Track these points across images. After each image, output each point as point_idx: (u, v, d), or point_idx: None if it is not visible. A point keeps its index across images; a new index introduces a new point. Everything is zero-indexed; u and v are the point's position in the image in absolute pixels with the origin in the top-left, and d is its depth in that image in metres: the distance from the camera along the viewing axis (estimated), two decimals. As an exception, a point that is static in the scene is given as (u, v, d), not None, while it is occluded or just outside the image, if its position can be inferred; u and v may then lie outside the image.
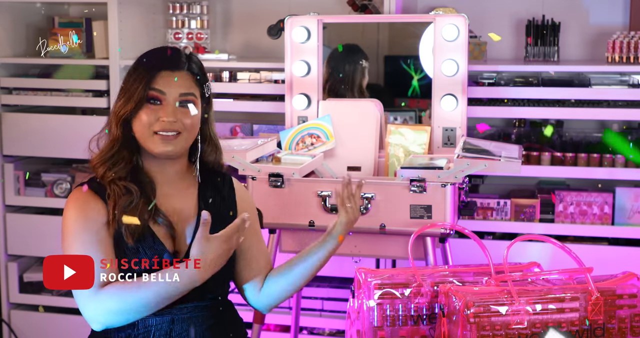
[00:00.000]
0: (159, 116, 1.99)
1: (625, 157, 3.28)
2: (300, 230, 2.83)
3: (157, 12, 3.88)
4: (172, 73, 2.02)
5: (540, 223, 3.40)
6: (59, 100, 3.74)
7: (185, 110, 2.02)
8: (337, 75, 3.40)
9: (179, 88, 2.01)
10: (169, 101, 2.00)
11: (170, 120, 1.99)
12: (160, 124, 1.99)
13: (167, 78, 2.01)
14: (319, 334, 3.62)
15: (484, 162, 2.65)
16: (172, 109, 2.00)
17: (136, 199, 1.99)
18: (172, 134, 2.00)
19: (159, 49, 2.10)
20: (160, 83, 2.00)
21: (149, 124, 1.99)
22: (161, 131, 1.99)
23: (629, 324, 1.92)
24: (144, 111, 1.99)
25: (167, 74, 2.02)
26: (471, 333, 1.84)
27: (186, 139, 2.03)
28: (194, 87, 2.04)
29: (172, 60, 2.04)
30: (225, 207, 2.11)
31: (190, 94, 2.03)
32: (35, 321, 3.88)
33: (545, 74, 3.42)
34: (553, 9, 3.60)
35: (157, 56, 2.06)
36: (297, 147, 3.07)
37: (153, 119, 1.99)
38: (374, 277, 2.02)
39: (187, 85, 2.03)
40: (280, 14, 3.33)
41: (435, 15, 3.10)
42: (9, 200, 3.85)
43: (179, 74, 2.03)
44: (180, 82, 2.02)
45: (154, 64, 2.03)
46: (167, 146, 2.00)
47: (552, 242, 2.00)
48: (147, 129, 2.00)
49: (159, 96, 2.00)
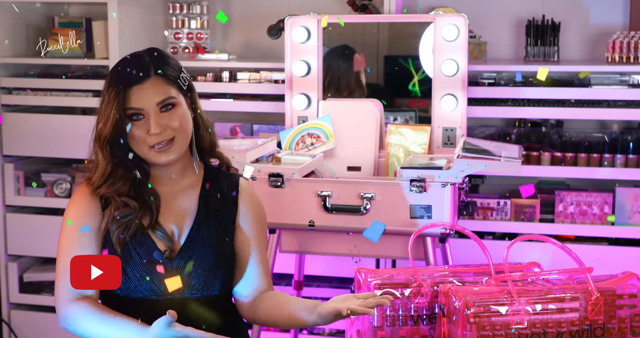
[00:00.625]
0: (147, 129, 1.98)
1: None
2: (300, 230, 2.83)
3: (157, 12, 3.88)
4: (142, 85, 1.98)
5: (540, 223, 3.39)
6: (59, 100, 3.74)
7: (169, 114, 2.00)
8: (336, 74, 3.39)
9: (154, 97, 1.98)
10: (150, 114, 1.98)
11: (158, 133, 1.98)
12: (151, 139, 1.98)
13: (138, 93, 1.98)
14: (319, 334, 3.62)
15: (484, 162, 2.65)
16: (155, 120, 1.98)
17: (132, 214, 2.00)
18: (166, 144, 2.00)
19: (124, 61, 2.04)
20: (134, 100, 1.97)
21: (142, 139, 1.99)
22: (156, 145, 1.99)
23: (629, 324, 1.92)
24: (133, 129, 1.99)
25: (137, 88, 1.98)
26: (471, 333, 1.84)
27: (182, 139, 2.02)
28: (169, 89, 2.00)
29: (137, 71, 1.99)
30: (223, 208, 2.10)
31: (167, 99, 1.99)
32: (35, 321, 3.88)
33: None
34: (553, 9, 3.60)
35: (123, 71, 2.00)
36: (297, 147, 3.07)
37: (143, 133, 1.99)
38: (374, 277, 2.02)
39: (162, 91, 1.99)
40: (280, 14, 3.33)
41: (435, 15, 3.10)
42: (9, 200, 3.84)
43: (148, 83, 1.99)
44: (153, 91, 1.98)
45: (122, 81, 1.98)
46: (167, 156, 2.01)
47: (552, 242, 2.00)
48: (143, 145, 2.00)
49: (138, 112, 1.98)
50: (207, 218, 2.06)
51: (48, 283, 3.89)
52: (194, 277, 2.01)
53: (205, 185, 2.10)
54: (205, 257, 2.03)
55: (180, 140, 2.02)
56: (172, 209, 2.06)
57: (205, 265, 2.02)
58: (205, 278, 2.02)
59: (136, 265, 1.99)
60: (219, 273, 2.04)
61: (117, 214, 1.99)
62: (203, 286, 2.02)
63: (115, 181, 2.01)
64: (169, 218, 2.05)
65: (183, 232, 2.05)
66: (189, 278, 2.01)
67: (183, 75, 2.05)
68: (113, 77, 2.00)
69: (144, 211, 2.02)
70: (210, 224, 2.06)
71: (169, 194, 2.07)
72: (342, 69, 3.43)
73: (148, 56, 2.03)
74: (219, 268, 2.04)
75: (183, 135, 2.02)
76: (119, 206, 2.00)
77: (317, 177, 2.93)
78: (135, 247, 2.00)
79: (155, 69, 2.00)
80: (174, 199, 2.07)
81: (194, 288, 2.01)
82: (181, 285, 1.97)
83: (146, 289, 1.99)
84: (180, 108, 2.02)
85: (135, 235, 2.00)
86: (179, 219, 2.06)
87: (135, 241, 2.00)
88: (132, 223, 2.00)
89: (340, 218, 2.75)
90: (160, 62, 2.02)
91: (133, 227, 2.00)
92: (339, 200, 2.75)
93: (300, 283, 3.26)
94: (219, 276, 2.04)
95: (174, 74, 2.03)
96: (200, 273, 2.02)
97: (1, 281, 3.89)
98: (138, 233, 2.00)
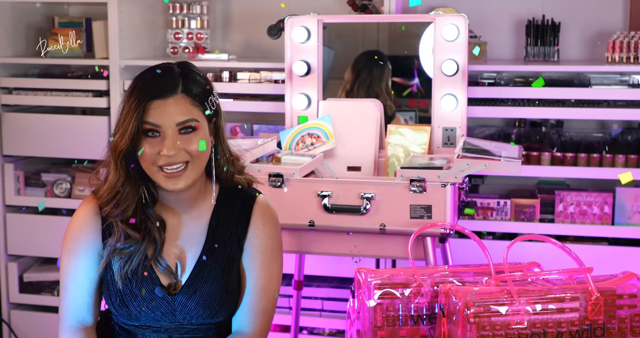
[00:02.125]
0: (159, 149, 1.85)
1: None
2: (300, 230, 2.83)
3: (157, 12, 3.88)
4: (165, 101, 1.84)
5: (540, 223, 3.40)
6: (59, 100, 3.74)
7: (188, 138, 1.86)
8: (365, 78, 3.39)
9: (175, 117, 1.84)
10: (167, 133, 1.84)
11: (171, 154, 1.84)
12: (162, 159, 1.85)
13: (159, 108, 1.84)
14: (319, 334, 3.62)
15: (484, 162, 2.65)
16: (171, 141, 1.84)
17: (134, 246, 1.91)
18: (178, 168, 1.86)
19: (150, 71, 1.90)
20: (153, 115, 1.84)
21: (152, 158, 1.86)
22: (166, 166, 1.86)
23: (629, 324, 1.92)
24: (145, 145, 1.85)
25: (159, 103, 1.84)
26: (471, 333, 1.84)
27: (195, 168, 1.89)
28: (192, 110, 1.86)
29: (162, 86, 1.85)
30: (233, 234, 1.98)
31: (189, 121, 1.86)
32: (35, 321, 3.88)
33: (545, 74, 3.42)
34: (553, 9, 3.60)
35: (147, 82, 1.87)
36: (297, 147, 3.07)
37: (155, 152, 1.85)
38: (374, 277, 2.02)
39: (184, 111, 1.85)
40: (280, 14, 3.33)
41: (435, 15, 3.10)
42: (9, 200, 3.84)
43: (172, 100, 1.85)
44: (175, 109, 1.84)
45: (144, 92, 1.85)
46: (176, 184, 1.87)
47: (552, 242, 2.00)
48: (152, 165, 1.87)
49: (155, 129, 1.85)
50: (214, 249, 1.95)
51: (48, 284, 3.89)
52: (200, 308, 1.93)
53: (216, 211, 1.98)
54: (211, 292, 1.93)
55: (194, 168, 1.88)
56: (177, 238, 1.96)
57: (210, 301, 1.93)
58: (210, 310, 1.94)
59: (137, 299, 1.92)
60: (225, 304, 1.95)
61: (119, 246, 1.91)
62: (208, 316, 1.94)
63: (121, 200, 1.90)
64: (173, 249, 1.96)
65: (187, 265, 1.95)
66: (193, 310, 1.93)
67: (212, 99, 1.91)
68: (137, 85, 1.87)
69: (147, 242, 1.92)
70: (217, 255, 1.95)
71: (176, 223, 1.97)
72: (374, 74, 3.41)
73: (179, 70, 1.90)
74: (226, 300, 1.95)
75: (198, 162, 1.89)
76: (120, 237, 1.91)
77: (317, 177, 2.93)
78: (137, 281, 1.92)
79: (183, 87, 1.87)
80: (181, 228, 1.97)
81: (200, 317, 1.94)
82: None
83: (148, 320, 1.94)
84: (202, 132, 1.88)
85: (137, 269, 1.92)
86: (184, 250, 1.96)
87: (137, 275, 1.92)
88: (135, 255, 1.91)
89: (340, 218, 2.75)
90: (189, 80, 1.89)
91: (136, 260, 1.91)
92: (339, 200, 2.75)
93: (300, 283, 3.26)
94: (225, 307, 1.96)
95: (201, 95, 1.89)
96: (205, 306, 1.93)
97: (1, 281, 3.89)
98: (140, 267, 1.91)
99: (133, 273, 1.92)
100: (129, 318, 1.95)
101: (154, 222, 1.93)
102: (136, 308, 1.92)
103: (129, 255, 1.91)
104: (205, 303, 1.93)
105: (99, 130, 3.61)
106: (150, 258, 1.92)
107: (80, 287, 1.96)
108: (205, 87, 1.91)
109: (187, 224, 1.98)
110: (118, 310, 1.94)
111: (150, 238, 1.92)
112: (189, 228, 1.98)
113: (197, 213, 1.98)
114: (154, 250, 1.92)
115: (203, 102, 1.89)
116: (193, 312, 1.93)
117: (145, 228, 1.92)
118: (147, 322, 1.95)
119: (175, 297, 1.93)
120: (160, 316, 1.93)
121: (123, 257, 1.92)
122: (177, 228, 1.97)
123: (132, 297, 1.92)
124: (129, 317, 1.95)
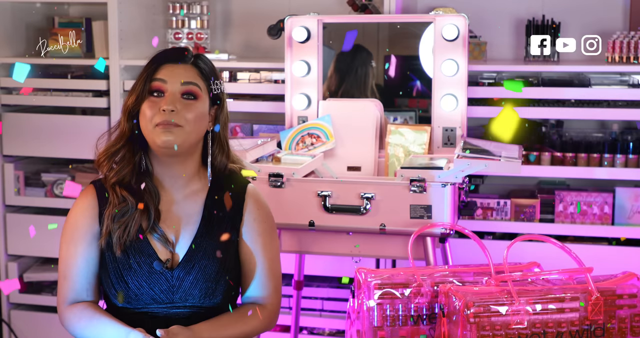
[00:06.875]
0: (160, 107, 1.97)
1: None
2: (300, 230, 2.83)
3: (157, 12, 3.88)
4: (176, 65, 2.02)
5: (540, 223, 3.40)
6: (59, 100, 3.74)
7: (187, 103, 1.99)
8: (350, 77, 3.38)
9: (181, 77, 2.00)
10: (171, 91, 1.98)
11: (169, 109, 1.96)
12: (160, 115, 1.96)
13: (169, 68, 2.01)
14: (319, 334, 3.62)
15: (484, 162, 2.65)
16: (173, 98, 1.97)
17: (131, 210, 1.99)
18: (172, 124, 1.97)
19: (168, 48, 2.14)
20: (162, 73, 2.00)
21: (151, 117, 1.97)
22: (161, 122, 1.96)
23: (629, 324, 1.92)
24: (147, 105, 1.98)
25: (171, 66, 2.02)
26: (471, 333, 1.84)
27: (188, 133, 1.99)
28: (198, 79, 2.02)
29: (177, 54, 2.04)
30: (228, 216, 2.07)
31: (193, 84, 2.00)
32: (35, 321, 3.88)
33: (545, 74, 3.42)
34: (553, 9, 3.59)
35: (164, 51, 2.08)
36: (297, 147, 3.07)
37: (155, 111, 1.97)
38: (374, 277, 2.01)
39: (190, 76, 2.01)
40: (280, 14, 3.33)
41: (435, 15, 3.10)
42: (9, 200, 3.84)
43: (183, 66, 2.02)
44: (183, 72, 2.01)
45: (159, 57, 2.04)
46: (167, 135, 1.97)
47: (552, 242, 2.00)
48: (150, 123, 1.97)
49: (161, 86, 1.99)
50: (210, 228, 2.04)
51: (48, 284, 3.89)
52: (196, 287, 1.99)
53: (211, 191, 2.08)
54: (208, 268, 2.01)
55: (186, 132, 1.98)
56: (174, 215, 2.04)
57: (208, 276, 2.00)
58: (206, 288, 2.00)
59: (135, 274, 1.98)
60: (221, 283, 2.02)
61: (115, 211, 1.98)
62: (205, 295, 2.00)
63: (121, 159, 2.02)
64: (170, 224, 2.03)
65: (185, 240, 2.03)
66: (191, 287, 1.99)
67: (218, 82, 2.07)
68: (153, 58, 2.05)
69: (143, 210, 1.99)
70: (213, 234, 2.04)
71: (172, 200, 2.05)
72: (359, 74, 3.41)
73: (194, 52, 2.08)
74: (222, 278, 2.02)
75: (191, 129, 1.99)
76: (117, 202, 1.99)
77: (317, 177, 2.93)
78: (135, 254, 1.98)
79: (195, 61, 2.04)
80: (177, 205, 2.05)
81: (196, 297, 2.00)
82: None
83: (147, 298, 1.99)
84: (201, 105, 2.01)
85: (134, 239, 1.98)
86: (181, 227, 2.03)
87: (135, 248, 1.99)
88: (131, 221, 1.98)
89: (340, 218, 2.75)
90: (201, 59, 2.06)
91: (132, 228, 1.98)
92: (339, 200, 2.75)
93: (300, 283, 3.26)
94: (221, 286, 2.02)
95: (209, 74, 2.05)
96: (202, 284, 2.00)
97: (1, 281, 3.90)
98: (136, 238, 1.98)
99: (131, 243, 1.98)
100: (129, 301, 1.98)
101: (150, 191, 2.02)
102: (135, 283, 1.98)
103: (126, 224, 1.98)
104: (203, 278, 1.99)
105: (99, 130, 3.53)
106: (145, 229, 1.99)
107: (80, 271, 2.01)
108: (214, 71, 2.07)
109: (182, 202, 2.06)
110: (117, 289, 1.98)
111: (145, 204, 2.00)
112: (184, 205, 2.05)
113: (191, 192, 2.07)
114: (149, 220, 2.00)
115: (209, 80, 2.04)
116: (190, 289, 1.99)
117: (141, 194, 2.00)
118: (146, 300, 1.99)
119: (174, 272, 1.99)
120: (158, 293, 1.98)
121: (120, 226, 1.98)
122: (172, 204, 2.05)
123: (131, 271, 1.98)
124: (128, 298, 1.98)
